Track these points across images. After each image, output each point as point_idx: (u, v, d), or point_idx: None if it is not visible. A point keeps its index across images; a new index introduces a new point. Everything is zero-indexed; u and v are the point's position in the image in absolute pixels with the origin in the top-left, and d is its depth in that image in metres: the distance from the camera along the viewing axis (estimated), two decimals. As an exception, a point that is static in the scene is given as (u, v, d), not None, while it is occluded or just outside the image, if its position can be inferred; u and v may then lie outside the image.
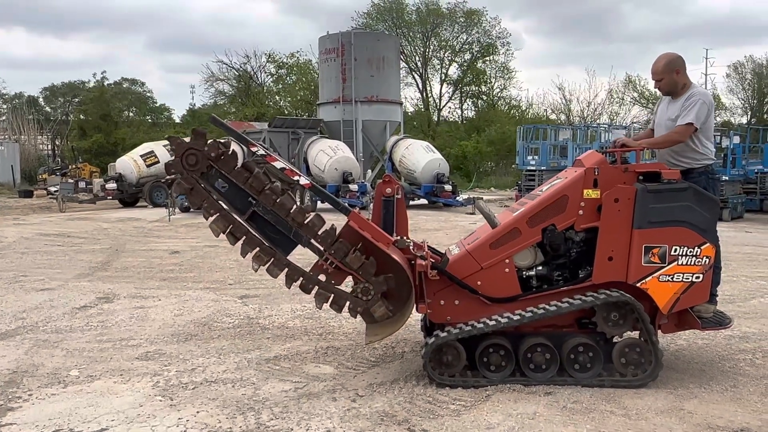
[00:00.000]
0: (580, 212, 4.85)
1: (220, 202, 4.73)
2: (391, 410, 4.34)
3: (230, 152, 4.68)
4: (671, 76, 5.12)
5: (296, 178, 4.88)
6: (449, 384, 4.74)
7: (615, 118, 48.80)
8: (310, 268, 4.81)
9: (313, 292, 4.78)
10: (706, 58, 56.48)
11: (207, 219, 4.74)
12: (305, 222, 4.68)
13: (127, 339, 6.18)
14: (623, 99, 51.01)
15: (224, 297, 8.04)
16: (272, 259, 4.71)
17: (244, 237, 4.70)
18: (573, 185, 4.88)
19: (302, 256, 5.13)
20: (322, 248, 4.71)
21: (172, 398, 4.60)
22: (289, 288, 4.86)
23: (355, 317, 4.86)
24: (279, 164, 4.85)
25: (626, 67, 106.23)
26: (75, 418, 4.26)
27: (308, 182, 4.90)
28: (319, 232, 4.69)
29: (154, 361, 5.50)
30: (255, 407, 4.42)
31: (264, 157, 4.84)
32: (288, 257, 4.77)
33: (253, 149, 4.79)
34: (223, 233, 4.71)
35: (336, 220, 4.88)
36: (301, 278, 4.75)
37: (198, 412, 4.34)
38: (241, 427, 4.10)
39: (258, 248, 4.71)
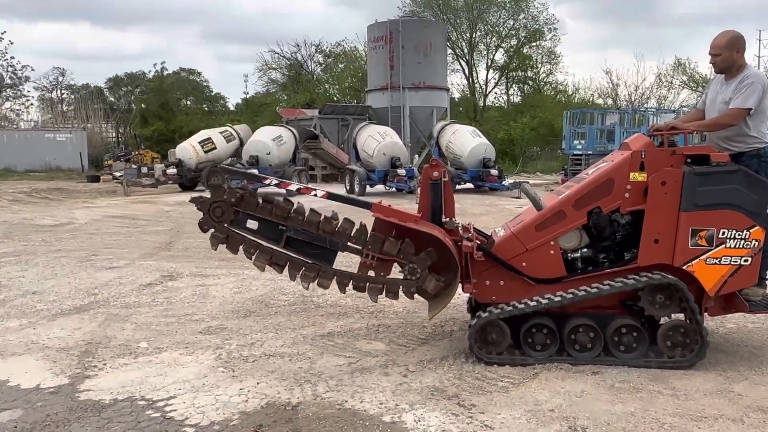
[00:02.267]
0: (626, 195, 4.80)
1: (255, 239, 4.92)
2: (441, 385, 4.42)
3: (248, 193, 4.88)
4: (731, 54, 4.93)
5: (312, 193, 5.12)
6: (497, 362, 4.78)
7: (663, 102, 47.43)
8: (357, 269, 4.94)
9: (367, 289, 4.89)
10: (759, 40, 54.21)
11: (250, 258, 4.95)
12: (336, 229, 4.81)
13: (191, 314, 6.40)
14: (672, 83, 49.47)
15: (279, 276, 8.16)
16: (318, 273, 4.87)
17: (288, 263, 4.88)
18: (619, 168, 4.83)
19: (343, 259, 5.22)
20: (359, 247, 4.83)
21: (233, 370, 4.78)
22: (344, 292, 5.03)
23: (412, 298, 4.93)
24: (293, 187, 5.14)
25: (674, 51, 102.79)
26: (146, 386, 4.47)
27: (324, 192, 5.11)
28: (352, 234, 4.83)
29: (215, 335, 5.70)
30: (311, 380, 4.56)
31: (278, 185, 5.18)
32: (333, 266, 4.93)
33: (266, 182, 5.10)
34: (268, 265, 4.92)
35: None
36: (351, 281, 4.89)
37: (258, 383, 4.51)
38: (298, 397, 4.24)
39: (303, 268, 4.88)
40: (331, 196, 5.15)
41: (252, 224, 4.90)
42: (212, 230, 4.94)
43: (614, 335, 4.76)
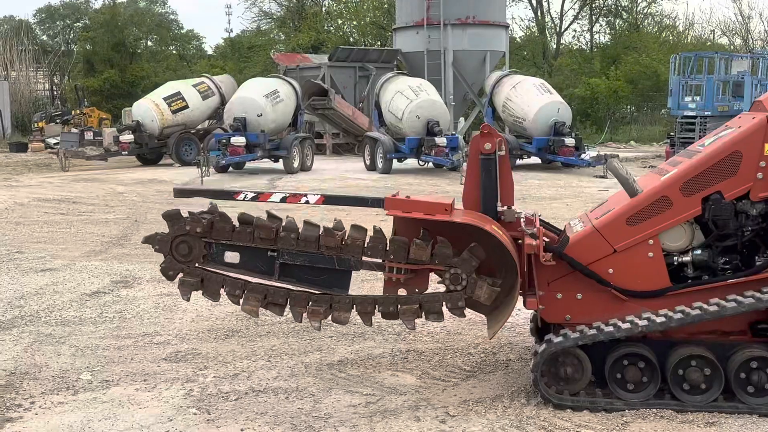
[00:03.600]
0: (759, 175, 4.74)
1: (239, 276, 4.98)
2: (492, 436, 4.41)
3: (218, 216, 4.90)
4: None
5: (303, 200, 5.18)
6: (571, 405, 4.76)
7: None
8: (382, 291, 4.95)
9: (399, 313, 4.90)
10: None
11: (236, 303, 5.00)
12: (342, 242, 4.84)
13: (152, 334, 6.47)
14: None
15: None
16: (330, 304, 4.91)
17: (288, 299, 4.93)
18: (749, 137, 4.76)
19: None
20: (379, 260, 4.85)
21: (209, 411, 4.81)
22: (370, 325, 5.08)
23: (464, 315, 4.93)
24: (277, 196, 5.15)
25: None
26: (89, 432, 4.52)
27: (320, 197, 5.15)
28: (365, 245, 4.83)
29: (186, 363, 5.74)
30: (315, 425, 4.57)
31: (256, 198, 5.17)
32: (349, 291, 4.96)
33: (238, 198, 5.10)
34: (263, 308, 4.98)
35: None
36: (377, 306, 4.90)
37: (242, 429, 4.53)
38: (296, 450, 4.28)
39: (309, 302, 4.91)
40: (328, 200, 5.21)
41: (232, 257, 4.97)
42: (180, 275, 5.00)
43: (740, 372, 4.70)
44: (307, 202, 5.18)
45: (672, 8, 71.21)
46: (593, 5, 52.17)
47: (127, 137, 24.63)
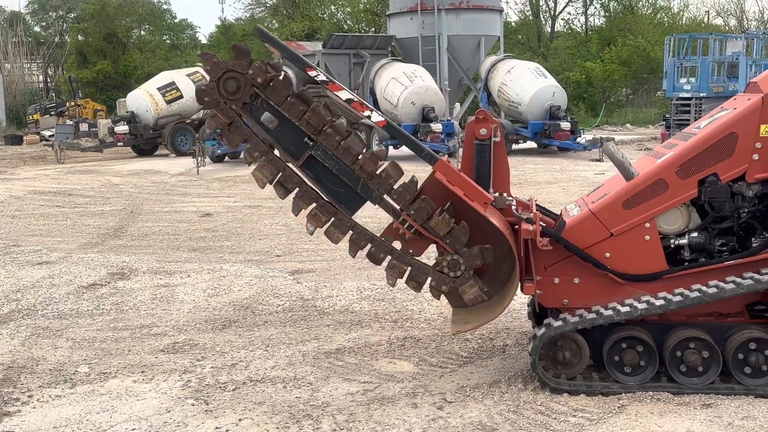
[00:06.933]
0: (755, 156, 4.73)
1: (267, 142, 4.81)
2: (489, 422, 4.41)
3: (282, 77, 4.73)
4: None
5: (367, 113, 4.91)
6: (568, 389, 4.77)
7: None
8: (382, 232, 4.89)
9: (385, 263, 4.86)
10: None
11: (249, 164, 4.83)
12: (377, 172, 4.73)
13: (149, 326, 6.46)
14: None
15: (271, 272, 8.27)
16: (333, 218, 4.80)
17: (297, 189, 4.80)
18: (745, 119, 4.75)
19: (369, 218, 5.21)
20: (398, 207, 4.77)
21: (207, 402, 4.81)
22: (354, 256, 4.95)
23: (439, 298, 4.94)
24: (345, 94, 4.88)
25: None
26: (86, 425, 4.52)
27: (383, 119, 4.93)
28: (395, 186, 4.73)
29: (183, 354, 5.74)
30: (313, 414, 4.58)
31: (325, 85, 4.88)
32: (353, 217, 4.86)
33: (311, 73, 4.82)
34: (270, 183, 4.80)
35: (416, 172, 4.92)
36: (369, 245, 4.84)
37: (240, 419, 4.53)
38: (295, 440, 4.27)
39: (315, 204, 4.80)
40: (389, 127, 4.99)
41: (269, 120, 4.78)
42: (216, 107, 4.76)
43: (737, 353, 4.71)
44: (369, 117, 4.93)
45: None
46: (587, -12, 52.09)
47: (122, 128, 24.62)
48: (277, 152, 4.83)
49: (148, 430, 4.43)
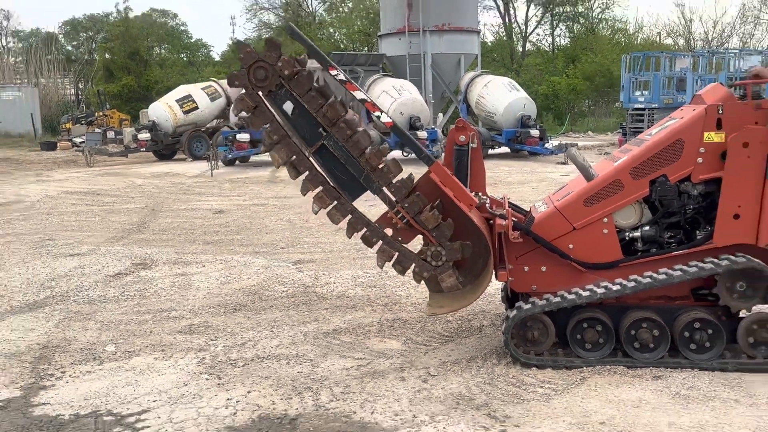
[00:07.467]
0: (699, 160, 4.75)
1: (285, 127, 4.80)
2: (468, 392, 4.44)
3: (306, 72, 4.71)
4: None
5: (377, 113, 4.93)
6: (536, 364, 4.79)
7: (749, 41, 46.68)
8: (377, 219, 4.91)
9: (376, 247, 4.88)
10: None
11: (266, 145, 4.81)
12: (379, 166, 4.74)
13: (168, 310, 6.46)
14: (759, 17, 48.63)
15: (276, 262, 8.27)
16: (336, 202, 4.81)
17: (308, 172, 4.79)
18: (690, 127, 4.77)
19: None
20: (394, 199, 4.79)
21: (219, 376, 4.82)
22: (350, 237, 4.96)
23: (419, 282, 4.95)
24: (359, 95, 4.88)
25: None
26: (113, 398, 4.53)
27: (390, 120, 4.94)
28: (394, 180, 4.75)
29: (198, 334, 5.75)
30: (313, 387, 4.60)
31: (344, 84, 4.86)
32: (354, 203, 4.87)
33: (333, 72, 4.80)
34: (284, 164, 4.80)
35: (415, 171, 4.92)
36: (365, 229, 4.85)
37: (249, 392, 4.55)
38: (297, 409, 4.27)
39: (321, 187, 4.80)
40: (394, 128, 4.97)
41: (289, 108, 4.77)
42: (243, 91, 4.75)
43: (684, 332, 4.73)
44: (378, 117, 4.94)
45: (623, 13, 71.03)
46: (554, 12, 52.13)
47: (145, 135, 24.63)
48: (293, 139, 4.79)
49: (167, 402, 4.43)
